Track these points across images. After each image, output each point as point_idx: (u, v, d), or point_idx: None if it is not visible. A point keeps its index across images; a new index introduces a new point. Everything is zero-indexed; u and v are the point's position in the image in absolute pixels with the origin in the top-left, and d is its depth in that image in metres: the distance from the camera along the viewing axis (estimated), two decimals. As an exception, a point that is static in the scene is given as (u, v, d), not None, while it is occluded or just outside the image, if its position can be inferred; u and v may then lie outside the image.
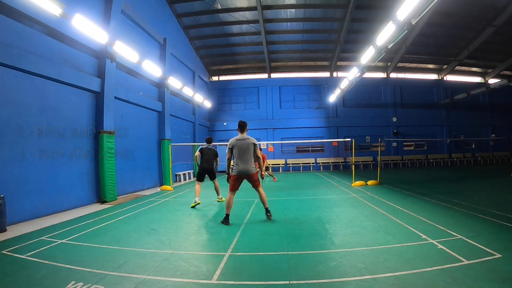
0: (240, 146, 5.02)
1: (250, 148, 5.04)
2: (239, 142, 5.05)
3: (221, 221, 5.06)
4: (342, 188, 9.42)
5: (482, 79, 21.74)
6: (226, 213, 5.02)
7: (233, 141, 5.09)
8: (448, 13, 14.34)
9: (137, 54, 9.03)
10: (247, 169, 5.00)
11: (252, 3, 14.14)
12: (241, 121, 5.28)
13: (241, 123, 5.23)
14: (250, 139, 5.08)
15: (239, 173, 5.02)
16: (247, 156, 5.02)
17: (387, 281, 2.64)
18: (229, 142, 5.13)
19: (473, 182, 10.19)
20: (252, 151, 5.06)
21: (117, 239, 4.26)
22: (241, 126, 5.20)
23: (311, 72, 20.84)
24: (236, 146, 5.04)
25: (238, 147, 5.02)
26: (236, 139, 5.10)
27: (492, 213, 5.14)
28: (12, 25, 5.63)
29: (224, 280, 2.78)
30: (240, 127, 5.20)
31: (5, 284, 2.79)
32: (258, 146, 5.21)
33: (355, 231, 4.33)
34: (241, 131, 5.19)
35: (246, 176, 5.06)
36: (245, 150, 5.02)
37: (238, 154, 5.01)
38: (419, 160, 19.98)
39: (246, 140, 5.06)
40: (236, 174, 5.04)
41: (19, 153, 5.66)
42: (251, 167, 5.04)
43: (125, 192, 9.29)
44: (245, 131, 5.21)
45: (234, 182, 5.07)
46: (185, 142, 15.06)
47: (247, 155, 5.02)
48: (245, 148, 5.01)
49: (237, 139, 5.09)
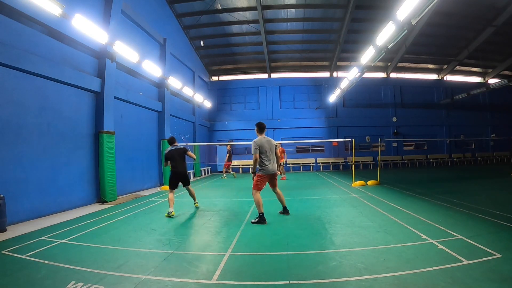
0: (268, 147, 5.22)
1: (273, 148, 5.33)
2: (267, 143, 5.23)
3: (255, 221, 5.04)
4: (342, 188, 9.42)
5: (482, 79, 21.73)
6: (261, 212, 5.05)
7: (261, 141, 5.21)
8: (448, 13, 14.34)
9: (137, 54, 9.03)
10: (274, 168, 5.29)
11: (252, 3, 14.14)
12: (261, 122, 5.46)
13: (262, 124, 5.43)
14: (272, 140, 5.40)
15: (267, 172, 5.21)
16: (274, 156, 5.32)
17: (387, 281, 2.64)
18: (255, 142, 5.20)
19: (473, 182, 10.19)
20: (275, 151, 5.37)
21: (117, 239, 4.26)
22: (262, 128, 5.39)
23: (311, 72, 20.84)
24: (264, 147, 5.18)
25: (266, 148, 5.20)
26: (265, 140, 5.26)
27: (492, 213, 5.14)
28: (12, 25, 5.63)
29: (224, 280, 2.78)
30: (261, 129, 5.39)
31: (5, 284, 2.79)
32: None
33: (355, 231, 4.33)
34: (261, 132, 5.37)
35: (273, 175, 5.32)
36: (272, 150, 5.28)
37: (266, 154, 5.20)
38: (419, 160, 19.98)
39: (270, 141, 5.33)
40: (265, 174, 5.21)
41: (19, 153, 5.67)
42: (276, 167, 5.33)
43: (125, 192, 9.29)
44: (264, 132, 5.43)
45: (262, 182, 5.22)
46: (185, 142, 15.07)
47: (273, 155, 5.31)
48: (272, 148, 5.29)
49: (266, 140, 5.27)
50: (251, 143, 5.24)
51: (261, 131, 5.36)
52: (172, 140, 6.40)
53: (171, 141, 6.39)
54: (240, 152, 19.40)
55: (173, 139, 6.41)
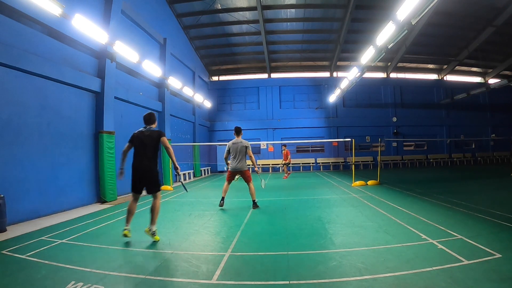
0: (234, 148, 6.24)
1: (239, 149, 6.24)
2: (233, 145, 6.26)
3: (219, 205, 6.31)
4: (342, 188, 9.42)
5: (482, 79, 21.73)
6: (222, 197, 6.34)
7: (230, 144, 6.32)
8: (448, 13, 14.35)
9: (137, 54, 9.02)
10: (238, 166, 6.24)
11: (252, 3, 14.14)
12: (236, 127, 6.55)
13: (237, 128, 6.50)
14: (242, 142, 6.29)
15: (231, 169, 6.32)
16: (240, 156, 6.22)
17: (387, 281, 2.64)
18: (227, 145, 6.38)
19: (473, 182, 10.18)
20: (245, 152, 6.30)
21: (117, 239, 4.25)
22: (237, 131, 6.44)
23: (311, 72, 20.85)
24: (231, 148, 6.29)
25: (232, 149, 6.27)
26: (232, 142, 6.32)
27: (492, 213, 5.14)
28: (12, 25, 5.63)
29: (224, 280, 2.78)
30: (236, 132, 6.44)
31: (5, 284, 2.79)
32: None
33: (355, 231, 4.33)
34: (237, 135, 6.40)
35: (239, 172, 6.33)
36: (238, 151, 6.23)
37: (232, 155, 6.29)
38: (419, 160, 19.98)
39: (238, 143, 6.25)
40: (230, 170, 6.34)
41: (19, 153, 5.66)
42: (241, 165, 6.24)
43: (125, 192, 9.27)
44: (240, 135, 6.42)
45: (228, 176, 6.41)
46: (185, 142, 15.07)
47: (240, 155, 6.23)
48: (238, 149, 6.23)
49: (233, 143, 6.30)
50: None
51: (237, 134, 6.40)
52: (149, 117, 4.26)
53: (148, 119, 4.25)
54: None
55: (150, 116, 4.28)
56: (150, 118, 4.27)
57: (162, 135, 4.23)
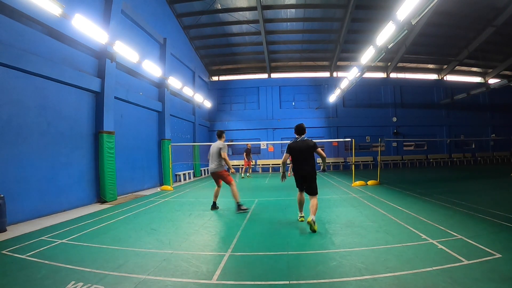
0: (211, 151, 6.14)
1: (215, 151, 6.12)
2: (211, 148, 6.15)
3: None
4: (342, 188, 9.42)
5: (482, 79, 21.73)
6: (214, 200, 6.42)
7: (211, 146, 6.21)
8: (448, 13, 14.35)
9: (137, 54, 9.02)
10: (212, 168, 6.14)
11: (252, 3, 14.14)
12: (219, 130, 6.42)
13: (218, 132, 6.37)
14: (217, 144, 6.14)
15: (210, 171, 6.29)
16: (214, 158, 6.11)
17: (387, 281, 2.64)
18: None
19: (473, 182, 10.18)
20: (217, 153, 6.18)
21: (117, 239, 4.26)
22: (218, 134, 6.32)
23: (311, 72, 20.84)
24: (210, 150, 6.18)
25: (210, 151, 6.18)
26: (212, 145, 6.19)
27: (492, 213, 5.14)
28: (12, 25, 5.63)
29: (224, 280, 2.78)
30: (217, 135, 6.31)
31: (5, 284, 2.79)
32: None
33: (355, 231, 4.33)
34: (218, 138, 6.27)
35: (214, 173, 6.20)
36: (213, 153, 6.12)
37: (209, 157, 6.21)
38: (419, 160, 19.98)
39: (214, 145, 6.12)
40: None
41: (19, 153, 5.66)
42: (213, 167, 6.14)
43: (125, 192, 9.29)
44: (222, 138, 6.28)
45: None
46: (185, 142, 15.07)
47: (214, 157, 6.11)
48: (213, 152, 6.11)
49: (212, 145, 6.18)
50: None
51: (218, 138, 6.30)
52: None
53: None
54: (240, 152, 19.41)
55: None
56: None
57: (317, 146, 4.90)
